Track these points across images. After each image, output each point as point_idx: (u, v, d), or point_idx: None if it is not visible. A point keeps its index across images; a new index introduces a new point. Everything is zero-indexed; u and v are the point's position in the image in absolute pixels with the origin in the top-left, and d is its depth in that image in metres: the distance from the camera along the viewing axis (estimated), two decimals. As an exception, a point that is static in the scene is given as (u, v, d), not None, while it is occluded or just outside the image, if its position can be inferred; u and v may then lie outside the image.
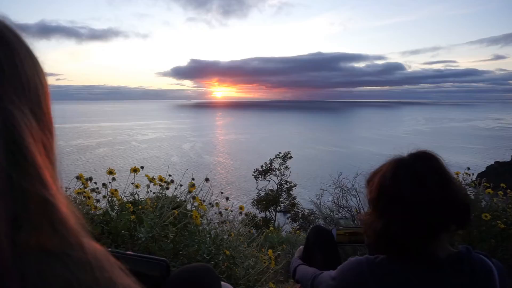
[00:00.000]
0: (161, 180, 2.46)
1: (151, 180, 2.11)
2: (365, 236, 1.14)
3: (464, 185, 3.78)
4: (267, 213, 17.06)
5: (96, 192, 2.48)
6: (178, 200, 2.57)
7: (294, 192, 17.74)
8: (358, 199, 4.07)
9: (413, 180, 1.01)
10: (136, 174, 2.36)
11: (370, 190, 1.12)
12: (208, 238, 2.17)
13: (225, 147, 67.82)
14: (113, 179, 2.50)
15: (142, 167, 2.48)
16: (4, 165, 0.33)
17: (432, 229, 0.98)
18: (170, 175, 2.39)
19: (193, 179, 2.36)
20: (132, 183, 2.44)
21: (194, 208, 2.27)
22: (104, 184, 2.29)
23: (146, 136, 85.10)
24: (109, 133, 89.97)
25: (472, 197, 3.62)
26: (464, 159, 49.29)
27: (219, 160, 53.11)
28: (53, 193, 0.37)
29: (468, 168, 3.58)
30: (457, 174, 3.78)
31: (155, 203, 2.24)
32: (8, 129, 0.35)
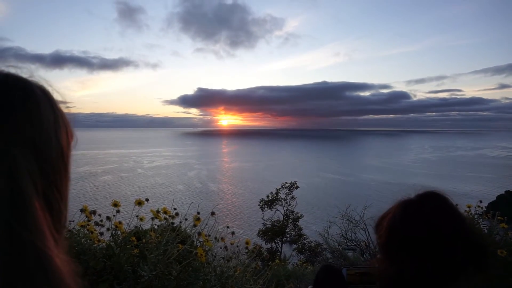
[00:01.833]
0: (165, 212, 2.42)
1: (156, 215, 2.07)
2: (378, 282, 1.08)
3: (476, 218, 3.67)
4: (273, 244, 16.68)
5: (100, 225, 2.44)
6: (182, 230, 2.52)
7: (301, 222, 17.42)
8: (367, 232, 3.95)
9: (423, 221, 0.97)
10: (141, 206, 2.32)
11: (379, 235, 1.07)
12: (213, 275, 2.09)
13: (230, 175, 67.58)
14: (118, 211, 2.46)
15: (147, 200, 2.45)
16: (5, 211, 0.34)
17: (448, 273, 0.93)
18: (175, 209, 2.35)
19: (198, 213, 2.31)
20: (137, 216, 2.40)
21: (199, 244, 2.21)
22: (108, 218, 2.25)
23: (152, 163, 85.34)
24: (115, 160, 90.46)
25: (486, 231, 3.50)
26: (473, 188, 48.40)
27: (224, 188, 52.77)
28: (50, 246, 0.37)
29: (481, 201, 3.49)
30: (469, 207, 3.67)
31: (160, 237, 2.19)
32: (11, 174, 0.36)
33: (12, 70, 0.45)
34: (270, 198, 17.79)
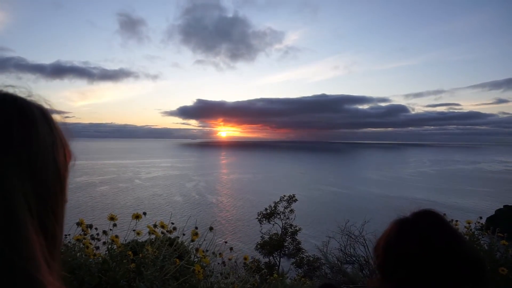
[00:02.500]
0: (163, 227, 2.39)
1: (153, 231, 2.04)
2: None
3: (477, 235, 3.64)
4: (271, 258, 16.48)
5: (96, 239, 2.40)
6: (180, 243, 2.48)
7: (299, 235, 17.25)
8: (366, 247, 3.91)
9: (418, 238, 0.98)
10: (138, 220, 2.30)
11: (377, 255, 1.08)
12: (210, 292, 2.05)
13: (228, 186, 67.28)
14: (114, 225, 2.43)
15: (144, 213, 2.43)
16: None
17: None
18: (172, 223, 2.32)
19: (196, 227, 2.29)
20: (134, 230, 2.37)
21: (197, 260, 2.17)
22: (104, 232, 2.22)
23: (150, 174, 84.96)
24: (113, 170, 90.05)
25: (486, 247, 3.46)
26: (472, 202, 48.25)
27: (223, 200, 52.47)
28: (43, 273, 0.36)
29: (481, 218, 3.47)
30: (469, 223, 3.65)
31: (157, 252, 2.16)
32: (4, 196, 0.35)
33: (11, 90, 0.44)
34: (269, 211, 17.63)
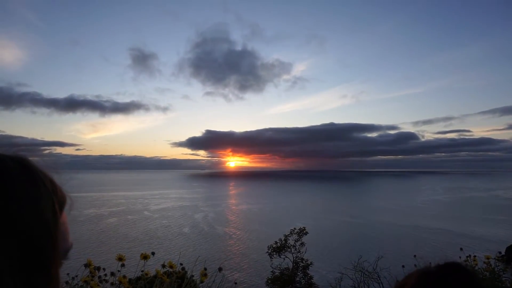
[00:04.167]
0: (171, 267, 2.35)
1: (161, 275, 2.00)
2: None
3: (497, 271, 3.48)
4: (282, 294, 15.94)
5: (104, 281, 2.37)
6: (188, 279, 2.42)
7: (311, 270, 16.72)
8: (380, 284, 3.75)
9: None
10: (146, 261, 2.27)
11: None
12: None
13: (237, 217, 66.41)
14: (122, 265, 2.40)
15: (153, 253, 2.40)
16: None
17: None
18: (181, 264, 2.28)
19: (205, 268, 2.24)
20: (142, 271, 2.33)
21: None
22: (112, 273, 2.19)
23: (158, 205, 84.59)
24: (122, 202, 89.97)
25: (509, 284, 3.29)
26: (489, 231, 46.48)
27: (232, 231, 51.66)
28: None
29: (500, 252, 3.33)
30: (488, 258, 3.50)
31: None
32: None
33: None
34: (279, 244, 17.23)
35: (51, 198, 0.43)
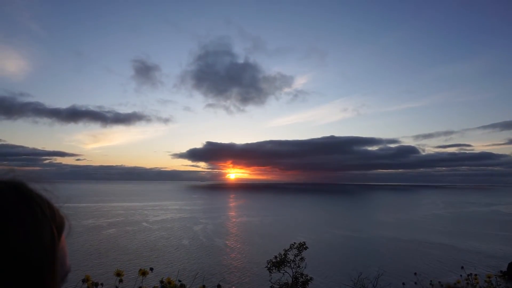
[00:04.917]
0: (169, 283, 2.39)
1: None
2: None
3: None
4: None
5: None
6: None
7: (311, 286, 16.56)
8: (380, 300, 3.78)
9: None
10: (145, 277, 2.31)
11: None
12: None
13: (237, 229, 65.93)
14: (120, 280, 2.44)
15: (151, 269, 2.44)
16: None
17: None
18: (180, 281, 2.34)
19: (204, 286, 2.30)
20: (140, 287, 2.38)
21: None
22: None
23: (157, 217, 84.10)
24: (121, 213, 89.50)
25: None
26: (490, 246, 46.10)
27: (231, 244, 51.23)
28: None
29: (501, 271, 3.36)
30: (489, 277, 3.53)
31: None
32: None
33: None
34: (278, 259, 17.11)
35: (49, 223, 0.42)
